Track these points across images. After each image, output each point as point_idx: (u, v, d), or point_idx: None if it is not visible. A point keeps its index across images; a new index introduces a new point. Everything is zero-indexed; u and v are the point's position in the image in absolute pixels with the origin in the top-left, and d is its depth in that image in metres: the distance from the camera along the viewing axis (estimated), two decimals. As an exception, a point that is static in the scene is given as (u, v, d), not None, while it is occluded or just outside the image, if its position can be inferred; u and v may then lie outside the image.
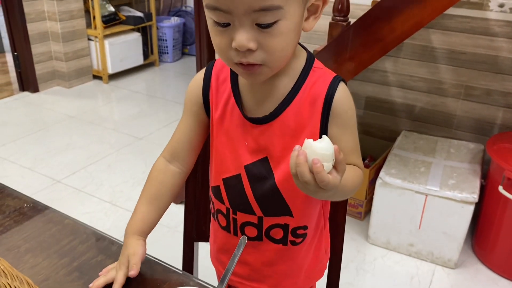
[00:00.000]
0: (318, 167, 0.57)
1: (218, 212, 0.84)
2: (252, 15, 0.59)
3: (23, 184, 2.33)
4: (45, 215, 0.84)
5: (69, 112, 3.20)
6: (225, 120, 0.77)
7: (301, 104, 0.73)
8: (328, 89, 0.72)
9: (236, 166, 0.78)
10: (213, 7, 0.61)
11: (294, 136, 0.74)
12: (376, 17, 1.40)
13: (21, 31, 3.31)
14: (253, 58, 0.63)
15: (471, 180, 1.79)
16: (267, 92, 0.74)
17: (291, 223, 0.80)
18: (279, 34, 0.62)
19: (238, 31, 0.61)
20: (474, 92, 2.06)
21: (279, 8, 0.60)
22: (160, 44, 4.26)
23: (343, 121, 0.74)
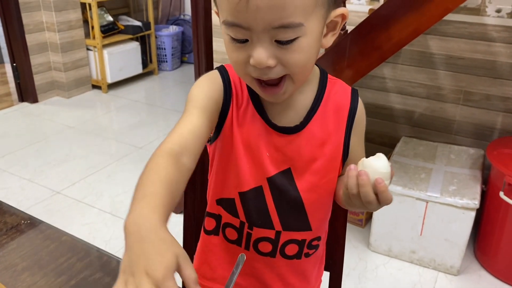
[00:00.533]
0: (383, 187, 0.60)
1: (227, 225, 0.81)
2: (271, 32, 0.58)
3: (22, 196, 2.33)
4: (42, 231, 0.83)
5: (69, 123, 3.20)
6: (244, 129, 0.73)
7: (325, 114, 0.74)
8: (352, 100, 0.75)
9: (257, 179, 0.75)
10: (232, 23, 0.59)
11: (320, 146, 0.74)
12: (373, 25, 1.40)
13: (19, 42, 3.31)
14: (273, 73, 0.62)
15: (472, 186, 1.79)
16: (291, 102, 0.73)
17: (308, 237, 0.80)
18: (299, 50, 0.60)
19: (256, 48, 0.60)
20: (473, 97, 2.06)
21: (300, 26, 0.58)
22: (159, 53, 4.26)
23: (361, 130, 0.78)
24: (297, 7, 0.57)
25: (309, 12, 0.59)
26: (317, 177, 0.75)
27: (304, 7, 0.58)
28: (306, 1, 0.58)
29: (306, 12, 0.58)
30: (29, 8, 3.31)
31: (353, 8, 2.12)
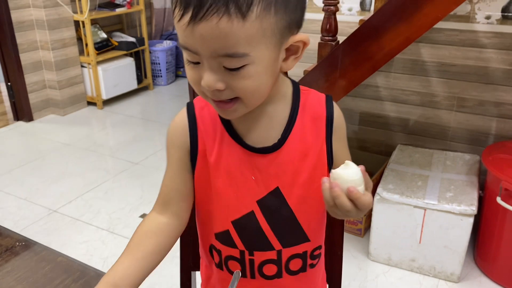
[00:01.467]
0: (355, 194, 0.61)
1: (229, 259, 0.80)
2: (218, 59, 0.59)
3: (19, 215, 2.31)
4: (37, 253, 0.82)
5: (64, 140, 3.19)
6: (223, 160, 0.74)
7: (303, 126, 0.74)
8: (327, 108, 0.75)
9: (247, 204, 0.75)
10: (183, 47, 0.61)
11: (302, 158, 0.74)
12: (364, 36, 1.42)
13: (14, 61, 3.32)
14: (223, 96, 0.63)
15: (469, 192, 1.79)
16: (266, 120, 0.73)
17: (309, 248, 0.80)
18: (248, 76, 0.61)
19: (206, 71, 0.61)
20: (466, 103, 2.07)
21: (245, 55, 0.59)
22: (153, 68, 4.28)
23: (342, 134, 0.78)
24: (240, 38, 0.57)
25: (255, 42, 0.59)
26: (305, 189, 0.75)
27: (249, 38, 0.58)
28: (251, 33, 0.58)
29: (252, 43, 0.58)
30: (22, 28, 3.32)
31: (344, 19, 2.14)
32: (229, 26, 0.56)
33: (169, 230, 0.75)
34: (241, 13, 0.56)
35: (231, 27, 0.56)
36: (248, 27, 0.57)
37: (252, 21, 0.57)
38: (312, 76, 1.56)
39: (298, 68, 2.04)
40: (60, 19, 3.43)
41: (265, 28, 0.59)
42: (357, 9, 2.14)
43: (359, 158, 2.46)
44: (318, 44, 1.56)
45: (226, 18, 0.55)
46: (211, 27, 0.56)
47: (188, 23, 0.57)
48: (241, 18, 0.56)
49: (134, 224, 2.22)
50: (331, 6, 1.49)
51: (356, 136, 2.39)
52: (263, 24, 0.58)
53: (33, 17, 3.37)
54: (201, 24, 0.56)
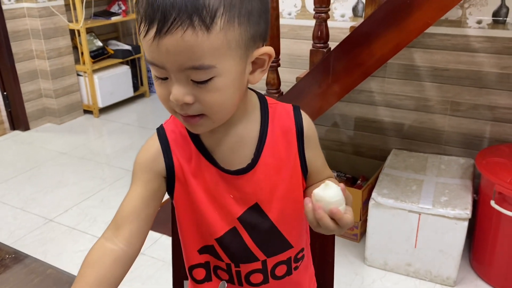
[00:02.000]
0: (338, 215, 0.63)
1: (218, 268, 0.81)
2: (185, 72, 0.60)
3: (15, 225, 2.31)
4: (27, 265, 0.82)
5: (61, 149, 3.19)
6: (200, 181, 0.74)
7: (274, 141, 0.75)
8: (295, 120, 0.76)
9: (228, 221, 0.76)
10: (151, 62, 0.61)
11: (277, 173, 0.75)
12: (355, 43, 1.42)
13: (9, 70, 3.33)
14: (191, 110, 0.63)
15: (463, 196, 1.79)
16: (239, 141, 0.74)
17: (292, 254, 0.82)
18: (215, 89, 0.61)
19: (174, 86, 0.61)
20: (460, 107, 2.08)
21: (211, 67, 0.59)
22: (149, 75, 4.29)
23: (314, 142, 0.79)
24: (205, 50, 0.58)
25: (221, 54, 0.59)
26: (283, 201, 0.77)
27: (213, 50, 0.58)
28: (215, 45, 0.58)
29: (217, 55, 0.59)
30: (18, 37, 3.33)
31: (337, 25, 2.15)
32: (194, 39, 0.57)
33: (117, 257, 0.69)
34: (205, 25, 0.56)
35: (196, 39, 0.57)
36: (212, 39, 0.57)
37: (216, 33, 0.57)
38: (305, 82, 1.57)
39: (290, 74, 2.06)
40: (55, 28, 3.44)
41: (230, 40, 0.59)
42: (349, 15, 2.15)
43: (354, 163, 2.47)
44: (309, 51, 1.57)
45: (191, 30, 0.56)
46: (176, 40, 0.56)
47: (154, 38, 0.57)
48: (206, 30, 0.57)
49: (130, 232, 2.22)
50: (322, 14, 1.50)
51: (351, 141, 2.40)
52: (228, 36, 0.59)
53: (29, 26, 3.38)
54: (166, 38, 0.57)
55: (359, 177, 2.29)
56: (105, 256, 0.69)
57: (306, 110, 0.79)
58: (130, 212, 0.72)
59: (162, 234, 2.15)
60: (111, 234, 0.71)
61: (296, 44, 2.26)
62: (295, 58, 2.28)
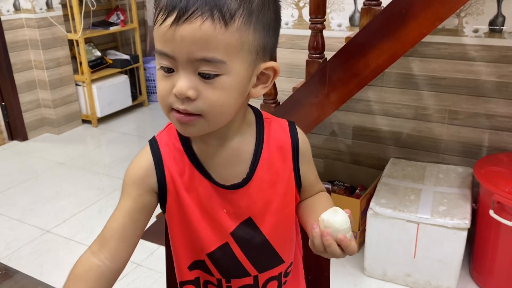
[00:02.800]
0: (346, 243, 0.64)
1: (208, 283, 0.80)
2: (194, 63, 0.60)
3: (12, 237, 2.30)
4: (17, 281, 0.81)
5: (59, 159, 3.18)
6: (193, 195, 0.73)
7: (269, 156, 0.75)
8: (291, 135, 0.77)
9: (221, 236, 0.76)
10: (160, 52, 0.62)
11: (271, 187, 0.75)
12: (350, 53, 1.42)
13: (8, 81, 3.33)
14: (191, 107, 0.63)
15: (462, 206, 1.78)
16: (234, 155, 0.73)
17: (283, 269, 0.81)
18: (220, 88, 0.62)
19: (180, 78, 0.62)
20: (458, 116, 2.07)
21: (222, 63, 0.61)
22: (148, 85, 4.29)
23: (308, 157, 0.80)
24: (220, 44, 0.59)
25: (233, 53, 0.61)
26: (277, 216, 0.76)
27: (227, 46, 0.60)
28: (230, 42, 0.60)
29: (230, 52, 0.61)
30: (16, 48, 3.34)
31: (334, 35, 2.15)
32: (211, 30, 0.58)
33: (101, 273, 0.69)
34: (224, 20, 0.59)
35: (213, 31, 0.58)
36: (228, 35, 0.59)
37: (233, 31, 0.60)
38: (301, 92, 1.57)
39: (287, 84, 2.06)
40: (54, 38, 3.45)
41: (243, 42, 0.62)
42: (346, 24, 2.15)
43: (352, 172, 2.46)
44: (306, 61, 1.57)
45: (210, 22, 0.58)
46: (194, 28, 0.58)
47: (171, 25, 0.59)
48: (224, 25, 0.59)
49: (127, 243, 2.20)
50: (317, 24, 1.50)
51: (349, 150, 2.39)
52: (242, 37, 0.61)
53: (27, 37, 3.39)
54: (184, 25, 0.58)
55: (357, 186, 2.28)
56: (90, 272, 0.69)
57: (303, 120, 0.80)
58: (117, 228, 0.70)
59: (159, 246, 2.14)
60: (97, 249, 0.70)
61: (294, 53, 2.26)
62: (293, 67, 2.28)
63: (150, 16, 4.42)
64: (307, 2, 2.19)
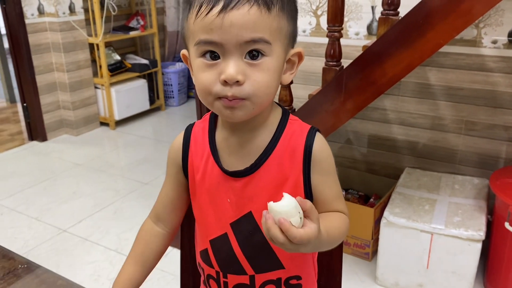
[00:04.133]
0: (284, 225, 0.58)
1: (209, 277, 0.83)
2: (243, 46, 0.64)
3: (30, 235, 2.34)
4: (38, 276, 0.84)
5: (76, 160, 3.24)
6: (206, 180, 0.78)
7: (281, 155, 0.75)
8: (306, 139, 0.75)
9: (221, 226, 0.78)
10: (205, 41, 0.65)
11: (278, 186, 0.75)
12: (367, 62, 1.43)
13: (30, 83, 3.41)
14: (238, 91, 0.65)
15: (477, 217, 1.77)
16: (246, 145, 0.75)
17: (283, 275, 0.79)
18: (266, 69, 0.67)
19: (227, 64, 0.65)
20: (475, 127, 2.06)
21: (268, 43, 0.66)
22: (165, 89, 4.35)
23: (324, 168, 0.76)
24: (266, 26, 0.65)
25: (275, 36, 0.67)
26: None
27: (271, 29, 0.66)
28: (273, 25, 0.66)
29: (273, 34, 0.66)
30: (39, 50, 3.42)
31: (351, 43, 2.16)
32: (258, 14, 0.64)
33: (163, 239, 0.87)
34: (267, 6, 0.65)
35: (260, 15, 0.64)
36: (271, 19, 0.65)
37: (274, 16, 0.66)
38: (317, 100, 1.58)
39: (303, 91, 2.07)
40: (75, 42, 3.53)
41: (281, 27, 0.68)
42: (364, 33, 2.16)
43: (367, 181, 2.45)
44: (322, 69, 1.58)
45: (256, 7, 0.64)
46: (242, 14, 0.63)
47: (218, 13, 0.63)
48: (267, 10, 0.65)
49: (141, 244, 2.23)
50: (335, 32, 1.51)
51: (364, 159, 2.39)
52: (280, 22, 0.67)
53: (50, 40, 3.47)
54: (232, 12, 0.63)
55: (372, 195, 2.27)
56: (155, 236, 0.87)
57: (319, 127, 0.78)
58: (166, 203, 0.86)
59: (173, 248, 2.15)
60: (155, 220, 0.87)
61: (310, 61, 2.28)
62: (309, 75, 2.29)
63: (169, 22, 4.49)
64: (325, 11, 2.21)
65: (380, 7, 1.55)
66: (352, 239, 2.07)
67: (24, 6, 3.28)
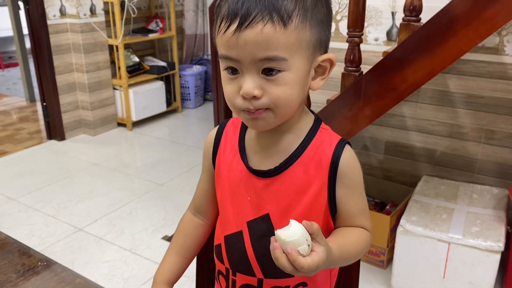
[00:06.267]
0: (291, 256, 0.59)
1: (219, 273, 0.84)
2: (258, 64, 0.65)
3: (46, 232, 2.37)
4: (57, 274, 0.85)
5: (93, 160, 3.28)
6: (231, 174, 0.79)
7: (308, 162, 0.74)
8: (335, 151, 0.74)
9: (239, 223, 0.79)
10: (225, 56, 0.67)
11: (300, 193, 0.74)
12: (388, 67, 1.42)
13: (50, 82, 3.47)
14: (258, 104, 0.67)
15: (496, 228, 1.73)
16: (274, 147, 0.76)
17: (292, 283, 0.79)
18: (283, 83, 0.67)
19: (245, 80, 0.66)
20: (495, 135, 2.03)
21: (284, 60, 0.65)
22: (182, 92, 4.38)
23: (350, 182, 0.75)
24: (280, 43, 0.64)
25: (293, 50, 0.66)
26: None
27: (287, 44, 0.65)
28: (289, 40, 0.65)
29: (290, 50, 0.65)
30: (60, 51, 3.48)
31: (370, 49, 2.15)
32: (272, 32, 0.63)
33: (203, 229, 0.90)
34: (283, 21, 0.64)
35: (273, 32, 0.63)
36: (287, 35, 0.64)
37: (291, 30, 0.65)
38: (335, 105, 1.57)
39: (321, 96, 2.06)
40: (95, 43, 3.58)
41: (302, 39, 0.66)
42: (383, 39, 2.15)
43: (383, 188, 2.43)
44: (341, 74, 1.58)
45: (270, 25, 0.63)
46: (256, 32, 0.63)
47: (235, 31, 0.64)
48: (283, 26, 0.64)
49: (156, 245, 2.25)
50: (355, 38, 1.51)
51: (381, 165, 2.37)
52: (300, 35, 0.66)
53: (70, 41, 3.52)
54: (247, 31, 0.63)
55: (388, 203, 2.25)
56: (195, 228, 0.89)
57: (336, 132, 0.78)
58: (203, 196, 0.88)
59: (187, 249, 2.16)
60: (194, 212, 0.90)
61: (329, 66, 2.27)
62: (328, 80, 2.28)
63: (187, 25, 4.53)
64: (344, 16, 2.21)
65: (400, 13, 1.55)
66: (367, 246, 2.05)
67: (46, 7, 3.34)
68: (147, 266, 2.10)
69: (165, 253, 0.89)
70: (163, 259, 0.88)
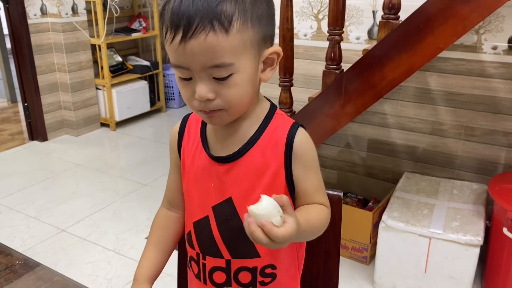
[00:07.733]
0: (266, 227, 0.61)
1: (191, 259, 0.87)
2: (208, 71, 0.68)
3: (28, 234, 2.35)
4: (35, 272, 0.84)
5: (76, 160, 3.25)
6: (194, 164, 0.83)
7: (264, 146, 0.78)
8: (289, 133, 0.78)
9: (204, 208, 0.82)
10: (176, 65, 0.69)
11: (259, 175, 0.78)
12: (367, 65, 1.44)
13: (31, 83, 3.42)
14: (213, 106, 0.71)
15: (475, 222, 1.77)
16: (232, 134, 0.79)
17: (259, 264, 0.82)
18: (234, 85, 0.69)
19: (198, 84, 0.69)
20: (474, 132, 2.07)
21: (231, 65, 0.67)
22: (166, 91, 4.36)
23: (305, 161, 0.79)
24: (225, 50, 0.66)
25: (238, 53, 0.68)
26: None
27: (232, 49, 0.67)
28: (233, 44, 0.67)
29: (235, 53, 0.67)
30: (41, 51, 3.43)
31: (352, 47, 2.17)
32: (215, 40, 0.65)
33: (179, 222, 0.91)
34: (224, 28, 0.65)
35: (217, 40, 0.65)
36: (231, 40, 0.66)
37: (234, 35, 0.66)
38: (317, 102, 1.59)
39: (303, 94, 2.08)
40: (77, 42, 3.54)
41: (245, 40, 0.68)
42: (365, 37, 2.17)
43: (366, 185, 2.46)
44: (322, 72, 1.59)
45: (212, 33, 0.65)
46: (200, 42, 0.65)
47: (180, 42, 0.66)
48: (225, 32, 0.65)
49: (140, 245, 2.23)
50: (335, 36, 1.52)
51: (363, 163, 2.39)
52: (243, 37, 0.68)
53: (52, 40, 3.48)
54: (191, 41, 0.65)
55: (370, 199, 2.28)
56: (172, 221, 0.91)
57: (318, 130, 0.80)
58: (175, 189, 0.89)
59: (171, 249, 2.16)
60: (169, 206, 0.92)
61: (311, 64, 2.29)
62: (310, 78, 2.30)
63: (171, 24, 4.50)
64: (326, 15, 2.22)
65: (381, 11, 1.56)
66: (350, 243, 2.07)
67: (27, 6, 3.29)
68: (131, 266, 2.09)
69: (144, 250, 0.90)
70: (142, 256, 0.89)
